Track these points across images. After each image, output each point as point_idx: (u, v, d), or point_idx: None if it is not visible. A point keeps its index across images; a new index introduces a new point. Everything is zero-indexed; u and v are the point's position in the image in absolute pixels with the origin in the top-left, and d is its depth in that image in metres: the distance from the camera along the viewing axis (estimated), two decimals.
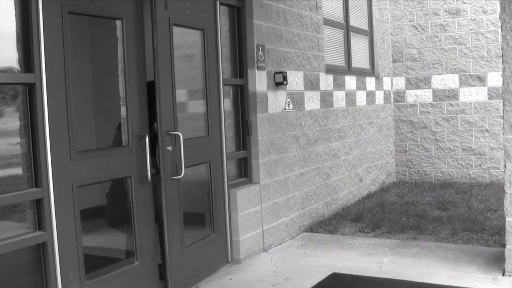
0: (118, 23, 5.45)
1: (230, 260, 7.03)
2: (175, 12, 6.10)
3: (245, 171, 7.46)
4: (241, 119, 7.38)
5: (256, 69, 7.32)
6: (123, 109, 5.52)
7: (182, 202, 6.18)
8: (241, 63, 7.34)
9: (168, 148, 5.89)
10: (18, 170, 4.69)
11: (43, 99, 4.59)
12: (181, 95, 6.49)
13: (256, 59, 7.32)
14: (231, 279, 6.49)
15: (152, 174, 5.68)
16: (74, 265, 4.89)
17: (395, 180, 12.96)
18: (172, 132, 5.96)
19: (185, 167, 6.06)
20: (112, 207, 5.70)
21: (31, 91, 4.58)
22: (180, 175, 5.98)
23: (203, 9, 6.58)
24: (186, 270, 6.20)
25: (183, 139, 6.02)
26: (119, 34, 5.46)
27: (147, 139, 5.57)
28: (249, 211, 7.20)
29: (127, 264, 5.58)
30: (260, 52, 7.37)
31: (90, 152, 5.16)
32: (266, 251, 7.49)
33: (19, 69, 4.57)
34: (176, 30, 6.17)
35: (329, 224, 8.94)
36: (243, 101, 7.36)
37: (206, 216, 6.83)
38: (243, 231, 7.07)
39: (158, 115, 5.81)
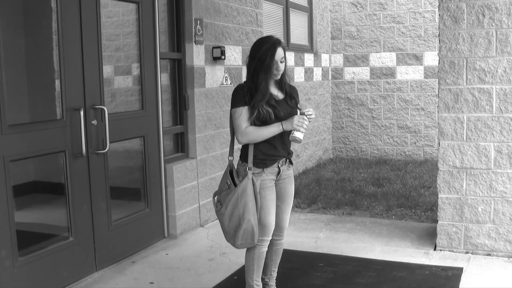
0: None
1: (166, 235, 6.98)
2: None
3: (181, 146, 7.38)
4: (178, 94, 7.29)
5: (194, 43, 7.23)
6: (57, 82, 5.40)
7: (110, 176, 6.03)
8: (178, 37, 7.21)
9: (93, 122, 5.73)
10: None
11: None
12: (114, 69, 6.38)
13: (194, 33, 7.22)
14: (167, 254, 6.46)
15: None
16: (6, 242, 4.79)
17: (331, 157, 13.08)
18: (97, 106, 5.78)
19: (113, 142, 5.95)
20: None
21: None
22: (105, 149, 5.85)
23: None
24: (113, 245, 6.08)
25: (111, 113, 5.89)
26: (53, 5, 5.32)
27: (81, 113, 5.47)
28: (186, 186, 7.16)
29: (62, 240, 5.50)
30: (198, 26, 7.28)
31: (23, 125, 5.03)
32: (203, 226, 7.48)
33: None
34: (107, 2, 6.05)
35: None
36: (181, 76, 7.25)
37: (140, 191, 6.74)
38: (179, 206, 7.03)
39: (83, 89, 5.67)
